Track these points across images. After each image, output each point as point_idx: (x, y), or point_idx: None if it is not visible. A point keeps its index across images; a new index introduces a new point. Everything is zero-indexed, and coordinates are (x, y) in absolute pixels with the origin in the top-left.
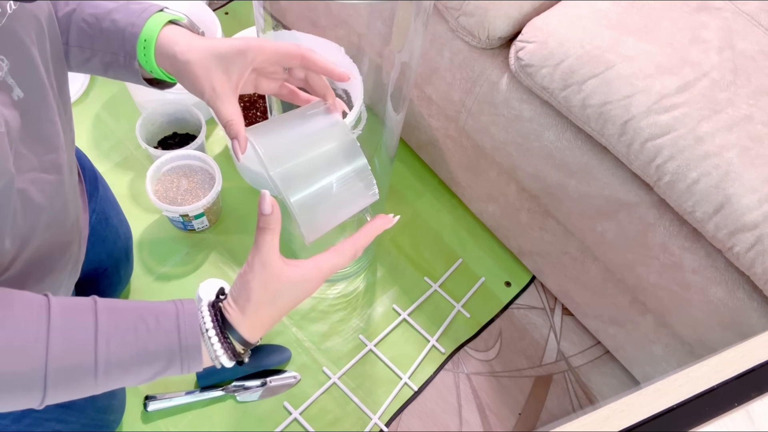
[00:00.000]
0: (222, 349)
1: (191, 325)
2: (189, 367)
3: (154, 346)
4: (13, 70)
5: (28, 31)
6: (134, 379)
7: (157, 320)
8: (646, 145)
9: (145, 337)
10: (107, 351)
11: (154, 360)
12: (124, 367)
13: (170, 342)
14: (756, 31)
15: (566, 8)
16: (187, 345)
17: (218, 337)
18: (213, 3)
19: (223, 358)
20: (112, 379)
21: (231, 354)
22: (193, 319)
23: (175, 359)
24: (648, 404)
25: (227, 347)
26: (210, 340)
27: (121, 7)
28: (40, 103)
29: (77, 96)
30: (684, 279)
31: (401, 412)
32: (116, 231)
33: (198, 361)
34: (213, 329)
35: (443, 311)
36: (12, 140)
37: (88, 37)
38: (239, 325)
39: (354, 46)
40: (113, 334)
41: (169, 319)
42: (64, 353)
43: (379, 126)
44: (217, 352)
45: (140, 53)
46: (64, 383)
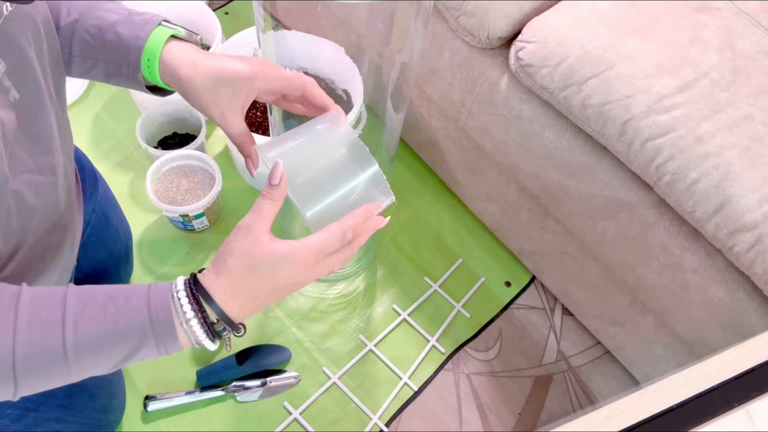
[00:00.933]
0: (195, 318)
1: (162, 300)
2: (165, 345)
3: (124, 323)
4: (9, 71)
5: (25, 33)
6: (108, 361)
7: (126, 298)
8: (646, 145)
9: (114, 315)
10: (75, 332)
11: (126, 338)
12: (94, 348)
13: (140, 318)
14: (756, 31)
15: (566, 8)
16: (158, 320)
17: (189, 300)
18: (213, 3)
19: (198, 332)
20: (85, 361)
21: (206, 326)
22: (164, 294)
23: (148, 336)
24: (648, 404)
25: (201, 316)
26: (181, 305)
27: (124, 20)
28: (36, 104)
29: (77, 96)
30: (684, 279)
31: (401, 412)
32: (116, 231)
33: (173, 337)
34: (184, 290)
35: (443, 311)
36: (8, 141)
37: (92, 48)
38: (212, 287)
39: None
40: (81, 315)
41: (138, 296)
42: (31, 338)
43: (379, 126)
44: (190, 322)
45: (144, 67)
46: (34, 370)
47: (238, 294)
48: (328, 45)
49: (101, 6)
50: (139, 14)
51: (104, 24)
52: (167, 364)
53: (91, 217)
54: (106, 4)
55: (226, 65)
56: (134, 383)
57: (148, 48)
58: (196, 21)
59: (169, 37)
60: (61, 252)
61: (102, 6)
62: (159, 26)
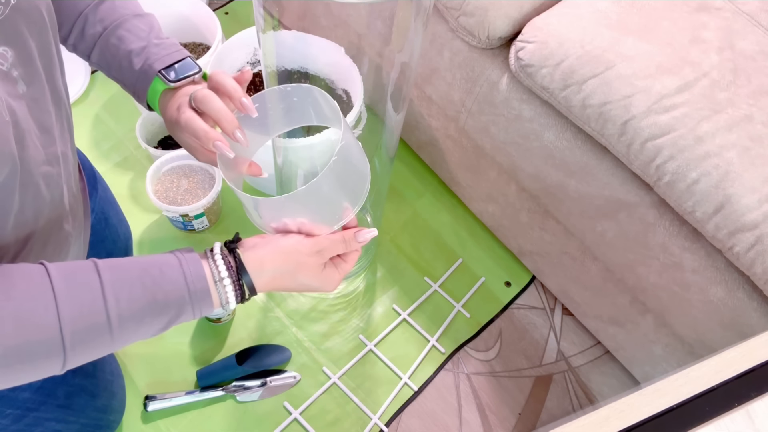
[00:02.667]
0: (234, 294)
1: (197, 271)
2: (201, 311)
3: (162, 296)
4: (15, 61)
5: (28, 23)
6: (149, 331)
7: (161, 270)
8: (646, 145)
9: (152, 288)
10: (117, 307)
11: (165, 309)
12: (137, 320)
13: (178, 289)
14: (756, 31)
15: (566, 8)
16: (196, 290)
17: (233, 284)
18: (213, 3)
19: (231, 302)
20: (127, 333)
21: (240, 298)
22: (197, 265)
23: (186, 305)
24: (648, 404)
25: (239, 292)
26: (225, 287)
27: (142, 51)
28: (39, 94)
29: (77, 96)
30: (684, 279)
31: (401, 412)
32: (116, 231)
33: (209, 303)
34: (228, 277)
35: (443, 311)
36: (21, 132)
37: (107, 65)
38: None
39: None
40: (120, 290)
41: (173, 269)
42: (77, 315)
43: (379, 126)
44: (228, 297)
45: (149, 100)
46: (81, 344)
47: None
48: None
49: (125, 24)
50: (157, 43)
51: (124, 48)
52: (167, 364)
53: (91, 217)
54: (130, 23)
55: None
56: (134, 383)
57: (152, 92)
58: (196, 21)
59: (162, 91)
60: (69, 244)
61: (125, 24)
62: (156, 78)
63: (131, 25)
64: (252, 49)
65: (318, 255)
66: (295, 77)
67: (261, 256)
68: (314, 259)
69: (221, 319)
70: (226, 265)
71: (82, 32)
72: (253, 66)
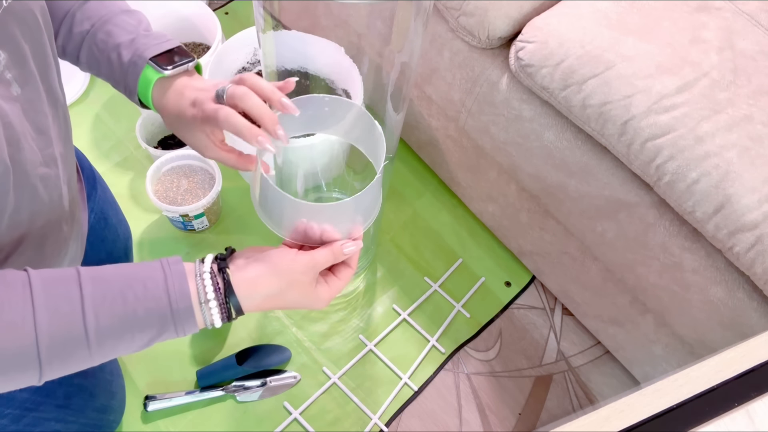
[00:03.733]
0: (219, 315)
1: (182, 289)
2: (184, 330)
3: (144, 312)
4: (9, 63)
5: (21, 25)
6: (129, 347)
7: (144, 287)
8: (646, 145)
9: (133, 304)
10: (96, 322)
11: (146, 327)
12: (116, 337)
13: (160, 307)
14: (756, 31)
15: (566, 8)
16: (178, 309)
17: (219, 306)
18: (213, 3)
19: (216, 322)
20: (106, 348)
21: (226, 318)
22: (182, 281)
23: (168, 324)
24: (648, 404)
25: (225, 314)
26: (210, 309)
27: (130, 44)
28: (35, 96)
29: (77, 96)
30: (684, 279)
31: (401, 412)
32: (115, 231)
33: (192, 323)
34: (215, 300)
35: (443, 311)
36: (16, 134)
37: (96, 62)
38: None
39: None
40: (101, 305)
41: (157, 285)
42: (54, 328)
43: None
44: (213, 318)
45: (141, 94)
46: (58, 357)
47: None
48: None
49: (113, 19)
50: (145, 35)
51: (111, 42)
52: (167, 364)
53: (91, 217)
54: (118, 18)
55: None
56: (134, 383)
57: (143, 82)
58: (196, 21)
59: (156, 80)
60: (67, 245)
61: (113, 19)
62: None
63: (119, 20)
64: (252, 49)
65: (312, 271)
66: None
67: (253, 278)
68: (308, 276)
69: None
70: (214, 286)
71: (69, 31)
72: (253, 66)
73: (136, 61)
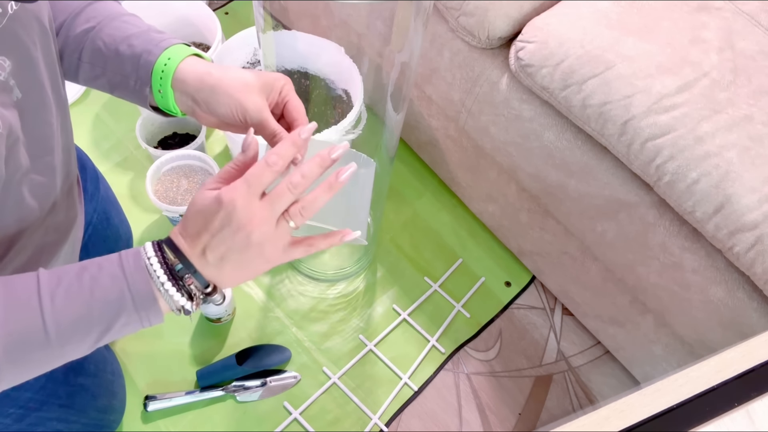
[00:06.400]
0: (168, 280)
1: (135, 262)
2: (147, 314)
3: (101, 292)
4: (14, 71)
5: (29, 32)
6: (91, 335)
7: (99, 266)
8: (646, 145)
9: (89, 283)
10: (52, 306)
11: (105, 308)
12: (75, 322)
13: (117, 284)
14: (756, 31)
15: (566, 8)
16: (134, 281)
17: (159, 261)
18: (213, 3)
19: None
20: (67, 338)
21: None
22: (137, 258)
23: (127, 303)
24: (648, 404)
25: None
26: (165, 287)
27: (141, 34)
28: (38, 104)
29: (77, 96)
30: (684, 279)
31: (401, 412)
32: (117, 231)
33: (151, 299)
34: (153, 252)
35: (443, 311)
36: (11, 141)
37: (102, 57)
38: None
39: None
40: (56, 288)
41: (111, 263)
42: (9, 318)
43: (379, 126)
44: (171, 295)
45: (156, 80)
46: (17, 352)
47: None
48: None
49: (121, 17)
50: (159, 32)
51: (120, 35)
52: (167, 364)
53: (93, 216)
54: (126, 16)
55: (252, 71)
56: (134, 383)
57: (164, 62)
58: (196, 21)
59: (190, 54)
60: (59, 252)
61: (121, 17)
62: (179, 45)
63: (127, 18)
64: (252, 49)
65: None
66: (295, 77)
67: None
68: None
69: (221, 319)
70: (158, 258)
71: (70, 32)
72: (253, 66)
73: (151, 49)
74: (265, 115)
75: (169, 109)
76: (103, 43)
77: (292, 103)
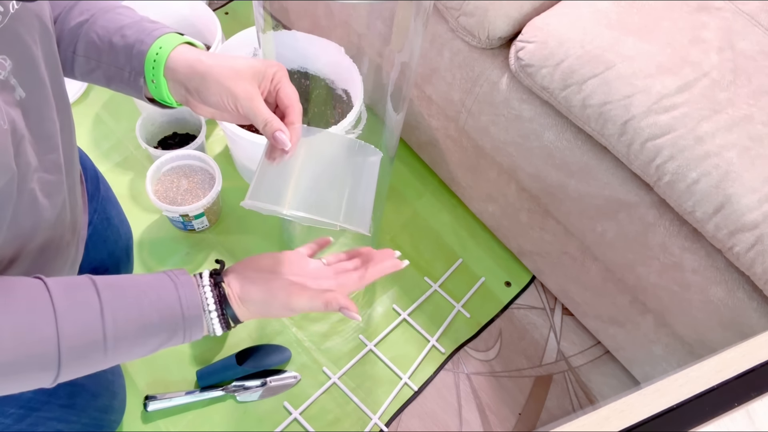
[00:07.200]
0: (219, 324)
1: (192, 297)
2: (191, 336)
3: (158, 319)
4: (15, 69)
5: (30, 31)
6: (140, 351)
7: (158, 295)
8: (646, 145)
9: (149, 311)
10: (114, 327)
11: (159, 332)
12: (130, 341)
13: (173, 315)
14: (756, 31)
15: (566, 8)
16: (190, 315)
17: (219, 317)
18: (213, 3)
19: (218, 330)
20: (121, 352)
21: (225, 327)
22: (192, 291)
23: (179, 330)
24: (648, 404)
25: (224, 323)
26: (212, 318)
27: (134, 24)
28: (41, 102)
29: (77, 96)
30: (684, 279)
31: (401, 412)
32: (117, 230)
33: (199, 330)
34: (215, 311)
35: (443, 311)
36: (18, 139)
37: (96, 49)
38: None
39: (354, 46)
40: (119, 311)
41: (169, 294)
42: (75, 332)
43: (379, 126)
44: (214, 326)
45: (148, 69)
46: (76, 360)
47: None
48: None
49: (115, 9)
50: (152, 22)
51: (113, 26)
52: (167, 364)
53: (93, 216)
54: (120, 8)
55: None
56: (134, 383)
57: (155, 51)
58: (196, 21)
59: (182, 42)
60: (68, 251)
61: (116, 9)
62: (171, 34)
63: (122, 10)
64: (252, 49)
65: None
66: (295, 77)
67: (243, 291)
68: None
69: None
70: (214, 297)
71: (64, 25)
72: None
73: (144, 38)
74: (256, 103)
75: (164, 99)
76: (96, 36)
77: (284, 90)
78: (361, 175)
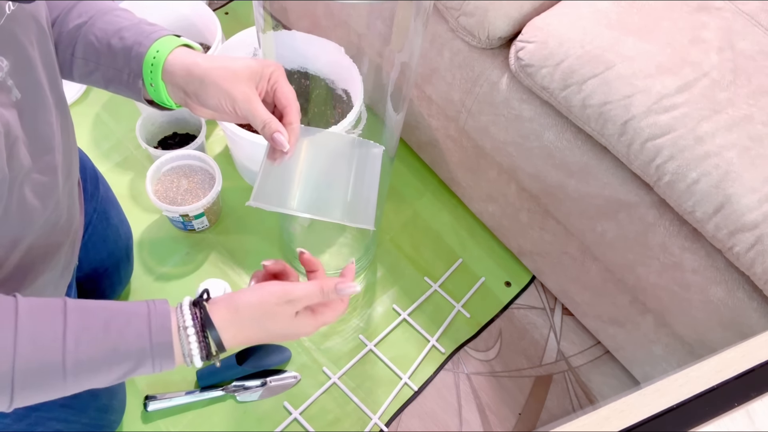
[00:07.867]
0: (198, 347)
1: (162, 323)
2: (161, 366)
3: (124, 346)
4: (12, 70)
5: (27, 33)
6: (104, 379)
7: (127, 320)
8: (646, 145)
9: (115, 337)
10: (76, 351)
11: (124, 360)
12: (93, 368)
13: (141, 342)
14: (756, 31)
15: (566, 8)
16: (158, 342)
17: (197, 335)
18: (213, 3)
19: (196, 358)
20: (82, 379)
21: (205, 354)
22: (164, 318)
23: (146, 359)
24: (648, 404)
25: (204, 346)
26: (188, 337)
27: (132, 26)
28: (37, 104)
29: (77, 96)
30: (684, 279)
31: (401, 412)
32: (117, 230)
33: (170, 360)
34: (192, 327)
35: (443, 311)
36: (11, 142)
37: (95, 51)
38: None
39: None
40: (83, 334)
41: (140, 319)
42: (32, 354)
43: (379, 126)
44: (192, 351)
45: (146, 73)
46: (32, 384)
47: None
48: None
49: (113, 11)
50: (150, 24)
51: (111, 28)
52: None
53: (93, 216)
54: (118, 10)
55: (240, 59)
56: (134, 383)
57: (153, 54)
58: (196, 21)
59: (179, 45)
60: (61, 252)
61: (114, 11)
62: (168, 36)
63: (120, 12)
64: (252, 49)
65: (289, 305)
66: (295, 77)
67: (227, 309)
68: (284, 308)
69: None
70: (192, 315)
71: (63, 28)
72: None
73: (142, 41)
74: (254, 105)
75: (163, 102)
76: (95, 38)
77: (281, 90)
78: (364, 169)
